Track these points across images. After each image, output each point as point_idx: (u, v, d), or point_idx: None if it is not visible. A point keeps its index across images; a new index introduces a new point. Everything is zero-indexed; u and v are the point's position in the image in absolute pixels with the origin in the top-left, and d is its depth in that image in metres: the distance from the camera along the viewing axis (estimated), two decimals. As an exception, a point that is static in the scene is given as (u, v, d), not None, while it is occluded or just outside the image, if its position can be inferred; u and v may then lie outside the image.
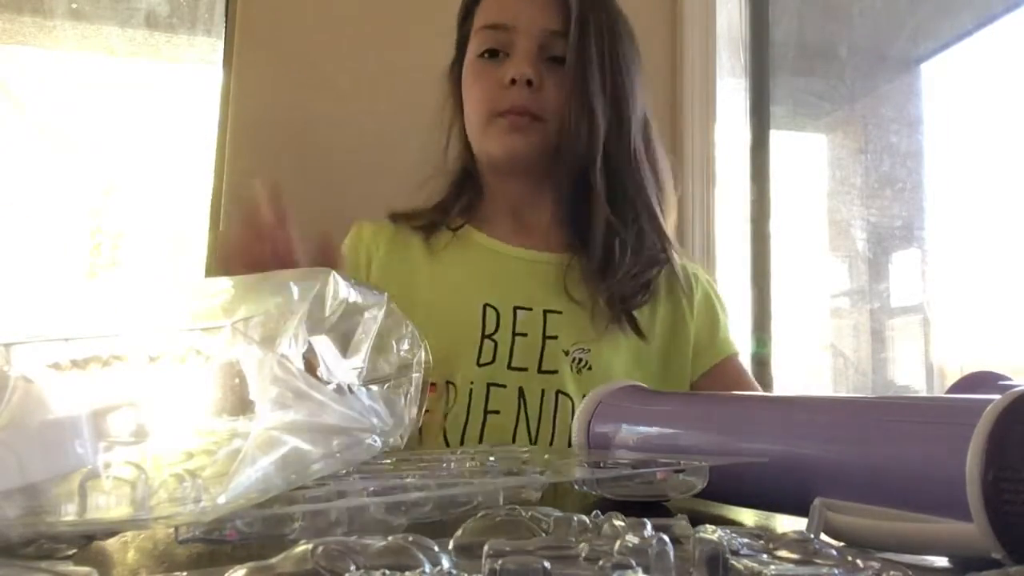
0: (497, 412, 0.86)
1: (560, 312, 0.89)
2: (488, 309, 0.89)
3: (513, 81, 0.89)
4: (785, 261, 1.53)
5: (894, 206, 1.63)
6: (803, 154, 1.81)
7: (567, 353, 0.88)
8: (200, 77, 1.59)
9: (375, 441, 0.41)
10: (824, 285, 1.74)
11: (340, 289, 0.39)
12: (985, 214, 1.44)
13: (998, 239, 1.41)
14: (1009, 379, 0.54)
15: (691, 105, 1.44)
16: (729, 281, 1.44)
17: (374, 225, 0.99)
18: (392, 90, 1.26)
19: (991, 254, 1.42)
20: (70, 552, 0.25)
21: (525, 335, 0.88)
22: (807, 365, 1.74)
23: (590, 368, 0.88)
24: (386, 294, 0.45)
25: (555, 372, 0.87)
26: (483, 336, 0.88)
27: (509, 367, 0.87)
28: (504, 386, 0.87)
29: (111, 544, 0.28)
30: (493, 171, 0.97)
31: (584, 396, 0.85)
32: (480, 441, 0.85)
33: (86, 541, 0.27)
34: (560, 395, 0.87)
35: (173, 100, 1.69)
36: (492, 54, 0.93)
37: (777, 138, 1.57)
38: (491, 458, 0.46)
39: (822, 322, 1.74)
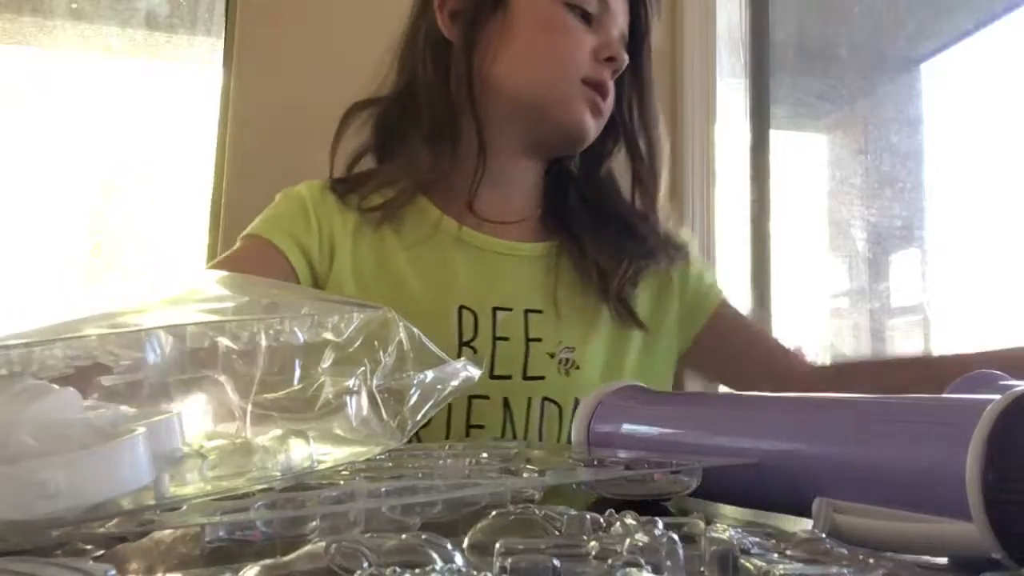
0: (481, 427, 0.78)
1: (541, 311, 0.82)
2: (464, 312, 0.80)
3: (610, 59, 0.82)
4: (785, 261, 1.54)
5: (894, 206, 1.63)
6: (803, 154, 1.81)
7: (552, 356, 0.81)
8: (200, 77, 1.59)
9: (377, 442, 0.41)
10: (824, 285, 1.75)
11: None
12: (985, 214, 1.45)
13: (998, 239, 1.41)
14: (1009, 379, 0.54)
15: (691, 105, 1.44)
16: (729, 281, 1.44)
17: (322, 197, 0.85)
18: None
19: (991, 254, 1.42)
20: (97, 553, 0.25)
21: (507, 339, 0.80)
22: (807, 365, 1.74)
23: (578, 367, 0.82)
24: (384, 308, 0.45)
25: (541, 378, 0.80)
26: (460, 344, 0.79)
27: (492, 376, 0.79)
28: (487, 397, 0.78)
29: (136, 545, 0.28)
30: (517, 138, 0.86)
31: (573, 399, 0.80)
32: None
33: (116, 542, 0.27)
34: (546, 402, 0.80)
35: (173, 100, 1.69)
36: (584, 18, 0.83)
37: (777, 138, 1.57)
38: (483, 454, 0.47)
39: (822, 322, 1.74)
